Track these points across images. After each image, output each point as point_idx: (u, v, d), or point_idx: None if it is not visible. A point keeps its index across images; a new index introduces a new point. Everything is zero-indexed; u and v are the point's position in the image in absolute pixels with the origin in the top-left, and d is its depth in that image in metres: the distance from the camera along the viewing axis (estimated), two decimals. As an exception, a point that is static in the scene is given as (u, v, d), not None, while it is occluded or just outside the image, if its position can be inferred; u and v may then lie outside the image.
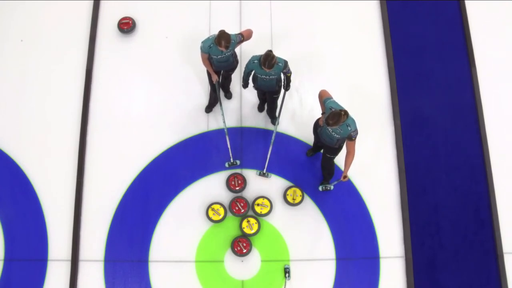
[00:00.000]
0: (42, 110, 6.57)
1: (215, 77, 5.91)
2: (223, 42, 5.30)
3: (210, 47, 5.51)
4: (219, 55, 5.59)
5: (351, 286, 5.92)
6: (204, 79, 6.46)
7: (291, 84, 5.82)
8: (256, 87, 5.92)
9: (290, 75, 5.66)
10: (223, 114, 6.18)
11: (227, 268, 5.96)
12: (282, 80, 5.77)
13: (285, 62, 5.49)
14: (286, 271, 5.86)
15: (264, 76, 5.57)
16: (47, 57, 6.81)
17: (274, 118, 6.40)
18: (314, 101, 5.70)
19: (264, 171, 6.19)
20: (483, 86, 6.72)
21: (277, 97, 6.06)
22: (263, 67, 5.33)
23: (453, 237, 6.12)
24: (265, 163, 6.17)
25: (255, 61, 5.47)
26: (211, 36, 5.52)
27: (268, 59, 5.27)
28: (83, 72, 6.72)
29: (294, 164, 6.34)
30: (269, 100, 6.13)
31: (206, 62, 5.76)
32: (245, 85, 5.91)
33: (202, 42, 5.55)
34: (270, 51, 5.33)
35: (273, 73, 5.52)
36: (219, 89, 6.07)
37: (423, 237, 6.10)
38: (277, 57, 5.39)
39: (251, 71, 5.64)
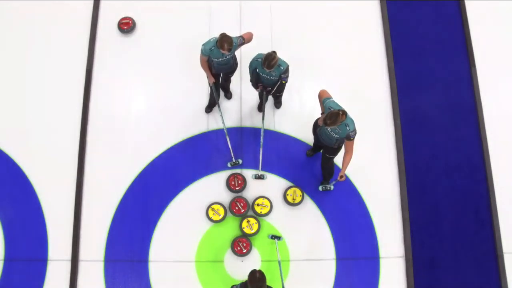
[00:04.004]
0: (42, 110, 6.57)
1: (211, 79, 5.91)
2: (225, 45, 5.29)
3: (211, 50, 5.50)
4: (220, 57, 5.58)
5: (351, 286, 5.92)
6: (204, 79, 6.45)
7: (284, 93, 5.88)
8: (260, 84, 5.89)
9: (285, 83, 5.64)
10: (222, 115, 6.18)
11: (227, 268, 5.96)
12: (278, 81, 5.71)
13: (287, 67, 5.49)
14: (275, 238, 5.86)
15: (265, 76, 5.59)
16: (47, 57, 6.82)
17: (277, 102, 6.45)
18: (314, 101, 5.70)
19: (259, 173, 6.18)
20: (483, 86, 6.72)
21: (281, 95, 6.11)
22: (263, 66, 5.34)
23: (453, 237, 6.12)
24: (259, 164, 6.15)
25: (259, 59, 5.47)
26: (212, 39, 5.51)
27: (268, 59, 5.28)
28: (83, 72, 6.72)
29: (294, 164, 6.34)
30: (273, 95, 6.18)
31: (205, 64, 5.75)
32: (254, 85, 5.86)
33: (203, 45, 5.53)
34: (274, 52, 5.33)
35: (273, 74, 5.53)
36: (216, 90, 6.07)
37: (423, 237, 6.10)
38: (280, 60, 5.40)
39: (255, 69, 5.64)
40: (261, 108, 6.52)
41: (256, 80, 5.80)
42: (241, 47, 5.69)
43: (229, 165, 6.22)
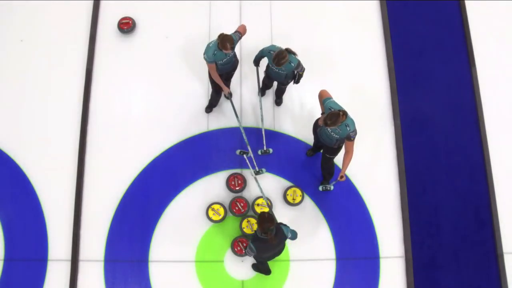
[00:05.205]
0: (42, 110, 6.57)
1: (227, 90, 5.92)
2: (228, 45, 5.29)
3: (214, 54, 5.46)
4: (224, 58, 5.58)
5: (351, 286, 5.92)
6: (204, 79, 6.47)
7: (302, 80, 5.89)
8: (266, 73, 5.96)
9: (302, 73, 5.71)
10: (239, 122, 6.15)
11: (227, 268, 5.96)
12: (294, 77, 5.79)
13: (298, 63, 5.53)
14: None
15: (274, 68, 5.62)
16: (47, 57, 6.81)
17: (279, 99, 6.49)
18: (314, 101, 5.71)
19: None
20: (483, 86, 6.73)
21: (285, 87, 6.14)
22: (273, 62, 5.38)
23: (453, 237, 6.12)
24: (263, 140, 6.20)
25: (271, 51, 5.48)
26: (211, 44, 5.47)
27: (278, 57, 5.32)
28: (83, 72, 6.72)
29: (294, 164, 6.34)
30: (277, 86, 6.23)
31: (216, 73, 5.70)
32: (256, 64, 5.92)
33: (205, 53, 5.46)
34: (287, 49, 5.39)
35: (283, 69, 5.57)
36: (217, 95, 6.12)
37: (423, 237, 6.10)
38: (291, 56, 5.44)
39: (264, 56, 5.69)
40: (262, 93, 6.52)
41: (265, 69, 5.89)
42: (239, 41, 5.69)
43: (253, 172, 6.13)
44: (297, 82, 5.88)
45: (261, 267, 5.76)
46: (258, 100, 6.23)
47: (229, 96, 6.01)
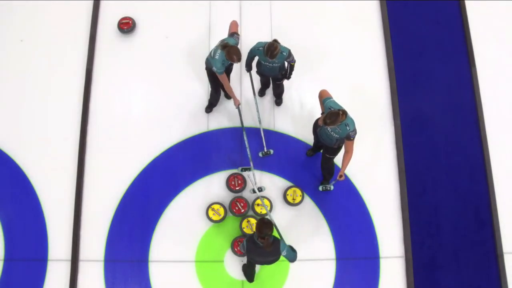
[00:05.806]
0: (42, 110, 6.57)
1: (237, 102, 5.95)
2: (235, 57, 5.33)
3: (223, 64, 5.48)
4: (229, 62, 5.61)
5: (351, 286, 5.92)
6: (204, 79, 6.45)
7: (294, 73, 5.92)
8: (259, 72, 5.98)
9: (294, 64, 5.74)
10: (243, 130, 6.15)
11: (227, 268, 5.96)
12: (286, 68, 5.83)
13: (289, 52, 5.57)
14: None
15: (267, 63, 5.64)
16: (47, 57, 6.81)
17: (279, 99, 6.51)
18: (314, 101, 5.71)
19: (265, 149, 6.19)
20: (483, 86, 6.73)
21: (281, 83, 6.14)
22: (266, 56, 5.41)
23: (453, 237, 6.12)
24: (262, 141, 6.23)
25: (260, 48, 5.53)
26: (216, 55, 5.43)
27: (271, 50, 5.36)
28: (83, 72, 6.72)
29: (294, 164, 6.34)
30: (273, 85, 6.25)
31: (228, 84, 5.72)
32: (248, 69, 5.96)
33: (215, 67, 5.45)
34: (275, 41, 5.43)
35: (276, 61, 5.59)
36: (216, 92, 6.14)
37: (423, 237, 6.10)
38: (281, 46, 5.49)
39: (254, 56, 5.72)
40: (262, 93, 6.56)
41: (257, 69, 5.92)
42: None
43: (251, 191, 6.11)
44: (288, 77, 5.90)
45: (247, 271, 5.71)
46: (255, 102, 6.23)
47: (239, 108, 6.05)
